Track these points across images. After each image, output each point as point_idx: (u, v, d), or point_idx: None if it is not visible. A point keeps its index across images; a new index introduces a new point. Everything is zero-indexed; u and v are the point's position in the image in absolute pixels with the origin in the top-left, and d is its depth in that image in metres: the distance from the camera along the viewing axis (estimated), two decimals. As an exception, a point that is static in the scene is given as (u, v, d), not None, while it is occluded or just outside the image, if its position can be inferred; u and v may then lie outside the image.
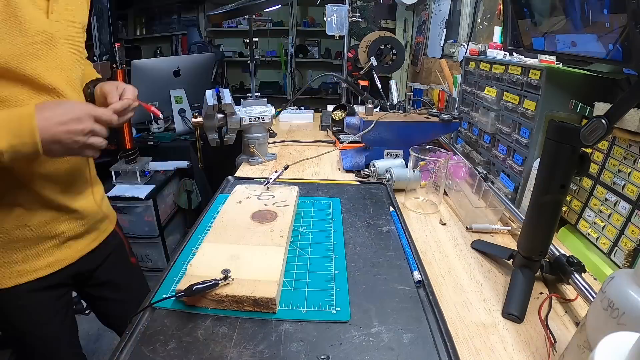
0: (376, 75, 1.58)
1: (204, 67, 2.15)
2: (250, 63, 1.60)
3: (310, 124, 1.62)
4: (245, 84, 3.88)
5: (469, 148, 1.15)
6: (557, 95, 0.76)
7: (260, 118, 1.04)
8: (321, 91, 3.87)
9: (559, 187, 0.52)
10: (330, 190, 0.83)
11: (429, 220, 0.81)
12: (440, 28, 1.83)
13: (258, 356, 0.41)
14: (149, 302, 0.48)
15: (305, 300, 0.50)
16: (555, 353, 0.47)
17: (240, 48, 3.81)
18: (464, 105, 1.18)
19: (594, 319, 0.37)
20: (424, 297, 0.51)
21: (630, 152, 0.60)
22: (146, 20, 3.74)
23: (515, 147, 0.87)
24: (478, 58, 1.08)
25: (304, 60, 3.82)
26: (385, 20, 2.57)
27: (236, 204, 0.69)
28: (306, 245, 0.62)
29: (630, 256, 0.58)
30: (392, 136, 1.02)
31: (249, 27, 1.57)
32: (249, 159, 1.08)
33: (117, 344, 0.42)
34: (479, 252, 0.69)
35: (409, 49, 2.51)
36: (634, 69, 0.43)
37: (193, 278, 0.48)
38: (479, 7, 1.41)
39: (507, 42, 0.68)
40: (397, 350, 0.42)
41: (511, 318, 0.53)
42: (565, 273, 0.57)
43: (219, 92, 0.97)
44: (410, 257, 0.59)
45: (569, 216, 0.73)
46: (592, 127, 0.47)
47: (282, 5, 1.47)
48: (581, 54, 0.53)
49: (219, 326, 0.45)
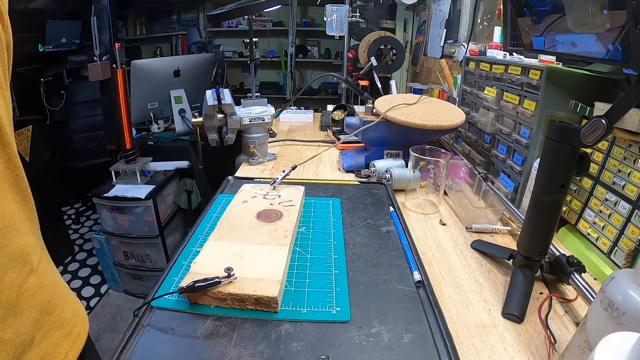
0: (376, 75, 1.58)
1: (204, 67, 2.15)
2: (250, 63, 1.60)
3: (310, 124, 1.62)
4: (245, 84, 3.88)
5: (469, 148, 1.15)
6: (557, 95, 0.76)
7: (260, 118, 1.04)
8: (321, 91, 3.86)
9: (559, 187, 0.52)
10: (330, 190, 0.83)
11: (429, 220, 0.81)
12: (440, 28, 1.83)
13: (258, 356, 0.41)
14: (149, 301, 0.48)
15: (305, 300, 0.50)
16: (555, 353, 0.47)
17: (240, 48, 3.81)
18: (464, 105, 1.18)
19: (594, 319, 0.37)
20: (424, 297, 0.51)
21: (630, 152, 0.60)
22: (146, 20, 3.74)
23: (515, 147, 0.87)
24: (478, 58, 1.08)
25: (304, 60, 3.82)
26: (385, 20, 2.57)
27: (242, 202, 0.69)
28: (306, 245, 0.62)
29: (630, 256, 0.58)
30: (392, 136, 1.02)
31: (249, 27, 1.57)
32: (249, 159, 1.08)
33: (117, 344, 0.42)
34: (479, 252, 0.69)
35: (409, 49, 2.51)
36: (634, 69, 0.43)
37: (196, 275, 0.48)
38: (479, 7, 1.41)
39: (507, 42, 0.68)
40: (397, 350, 0.42)
41: (511, 318, 0.53)
42: (565, 273, 0.57)
43: (219, 92, 0.97)
44: (410, 257, 0.59)
45: (569, 216, 0.73)
46: (592, 127, 0.47)
47: (282, 5, 1.47)
48: (581, 54, 0.53)
49: (219, 326, 0.45)
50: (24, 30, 2.42)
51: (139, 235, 1.71)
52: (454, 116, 0.98)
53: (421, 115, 0.97)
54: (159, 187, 1.72)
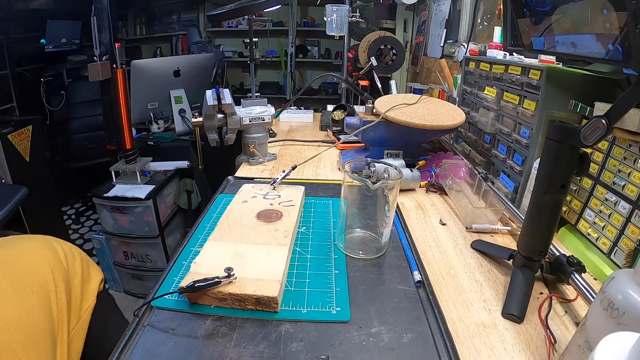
0: (376, 75, 1.58)
1: (204, 67, 2.15)
2: (250, 63, 1.60)
3: (310, 124, 1.62)
4: (245, 84, 3.88)
5: (469, 148, 1.15)
6: (557, 95, 0.76)
7: (260, 118, 1.04)
8: (321, 91, 3.86)
9: (559, 187, 0.52)
10: (330, 190, 0.83)
11: (429, 220, 0.81)
12: (440, 28, 1.83)
13: (258, 356, 0.41)
14: (149, 301, 0.48)
15: (305, 300, 0.50)
16: (555, 353, 0.47)
17: (240, 48, 3.81)
18: (464, 105, 1.18)
19: (594, 319, 0.37)
20: (424, 297, 0.51)
21: (630, 152, 0.60)
22: (146, 20, 3.74)
23: (515, 147, 0.87)
24: (478, 58, 1.08)
25: (304, 60, 3.82)
26: (385, 20, 2.57)
27: (242, 202, 0.69)
28: (306, 245, 0.62)
29: (630, 256, 0.58)
30: (392, 136, 1.02)
31: (249, 27, 1.57)
32: (249, 159, 1.08)
33: (117, 344, 0.42)
34: (479, 252, 0.69)
35: (409, 49, 2.51)
36: (634, 69, 0.43)
37: (196, 275, 0.48)
38: (479, 7, 1.41)
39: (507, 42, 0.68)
40: (397, 350, 0.42)
41: (511, 318, 0.53)
42: (565, 273, 0.57)
43: (219, 92, 0.97)
44: (410, 257, 0.59)
45: (569, 216, 0.73)
46: (592, 127, 0.47)
47: (282, 5, 1.47)
48: (581, 54, 0.53)
49: (219, 326, 0.45)
50: (24, 30, 2.42)
51: (139, 235, 1.71)
52: (454, 116, 0.98)
53: (421, 115, 0.97)
54: (159, 187, 1.72)
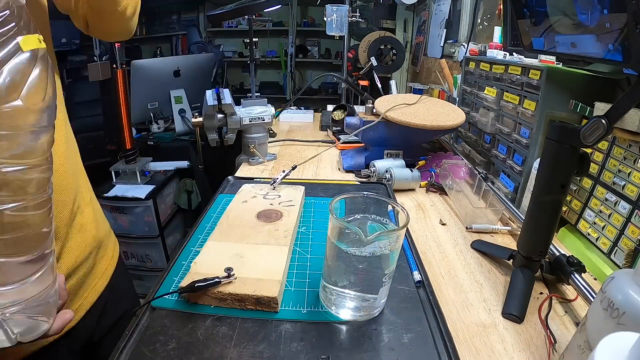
0: (376, 75, 1.58)
1: (204, 67, 2.15)
2: (250, 63, 1.60)
3: (310, 124, 1.62)
4: (245, 84, 3.88)
5: (469, 148, 1.15)
6: (557, 95, 0.76)
7: (260, 118, 1.04)
8: (321, 91, 3.87)
9: (559, 187, 0.52)
10: (330, 190, 0.83)
11: (429, 220, 0.81)
12: (440, 28, 1.82)
13: (258, 356, 0.41)
14: (149, 300, 0.48)
15: (305, 300, 0.50)
16: (555, 353, 0.47)
17: (240, 48, 3.81)
18: (464, 105, 1.18)
19: (594, 319, 0.37)
20: (424, 297, 0.51)
21: (630, 152, 0.60)
22: (146, 20, 3.73)
23: (515, 147, 0.87)
24: (478, 58, 1.08)
25: (304, 60, 3.82)
26: (385, 20, 2.57)
27: (242, 202, 0.69)
28: (306, 245, 0.62)
29: (630, 256, 0.58)
30: (392, 136, 1.02)
31: (249, 27, 1.57)
32: (249, 159, 1.08)
33: (117, 344, 0.42)
34: (479, 252, 0.69)
35: (409, 49, 2.51)
36: (634, 69, 0.43)
37: (196, 275, 0.48)
38: (479, 7, 1.41)
39: (507, 42, 0.68)
40: (397, 350, 0.42)
41: (511, 318, 0.53)
42: (565, 273, 0.57)
43: (219, 92, 0.97)
44: (410, 257, 0.59)
45: (569, 216, 0.73)
46: (592, 127, 0.47)
47: (282, 5, 1.47)
48: (581, 54, 0.53)
49: (219, 326, 0.45)
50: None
51: (139, 235, 1.71)
52: (454, 116, 0.98)
53: (421, 115, 0.97)
54: (159, 187, 1.72)
